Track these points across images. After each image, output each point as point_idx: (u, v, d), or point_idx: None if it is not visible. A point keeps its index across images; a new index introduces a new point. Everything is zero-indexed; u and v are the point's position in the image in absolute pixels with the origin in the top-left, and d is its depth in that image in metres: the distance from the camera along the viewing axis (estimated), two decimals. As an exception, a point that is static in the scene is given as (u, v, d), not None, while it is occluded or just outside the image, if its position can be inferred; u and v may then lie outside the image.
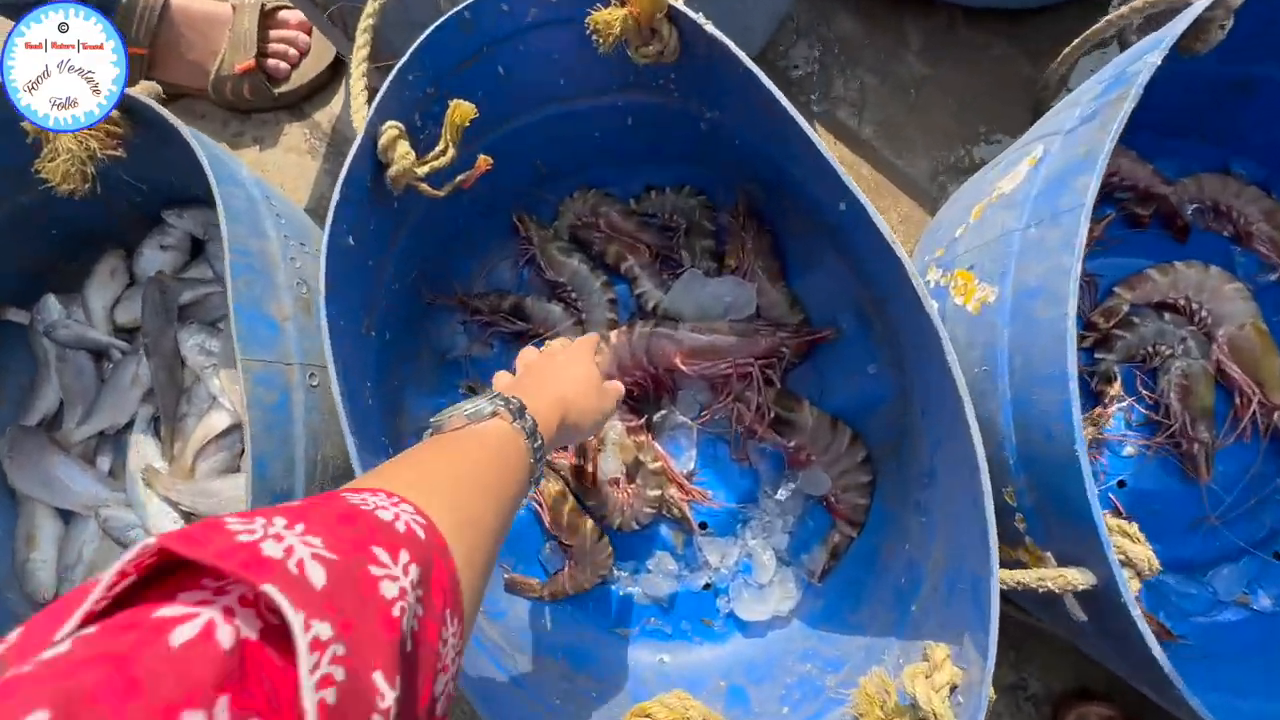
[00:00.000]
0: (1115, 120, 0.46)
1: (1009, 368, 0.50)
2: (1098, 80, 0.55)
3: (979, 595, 0.41)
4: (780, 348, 0.66)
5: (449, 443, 0.36)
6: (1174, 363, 0.69)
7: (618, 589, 0.69)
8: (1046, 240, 0.48)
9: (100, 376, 0.77)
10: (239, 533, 0.21)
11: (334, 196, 0.48)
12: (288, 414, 0.52)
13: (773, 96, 0.48)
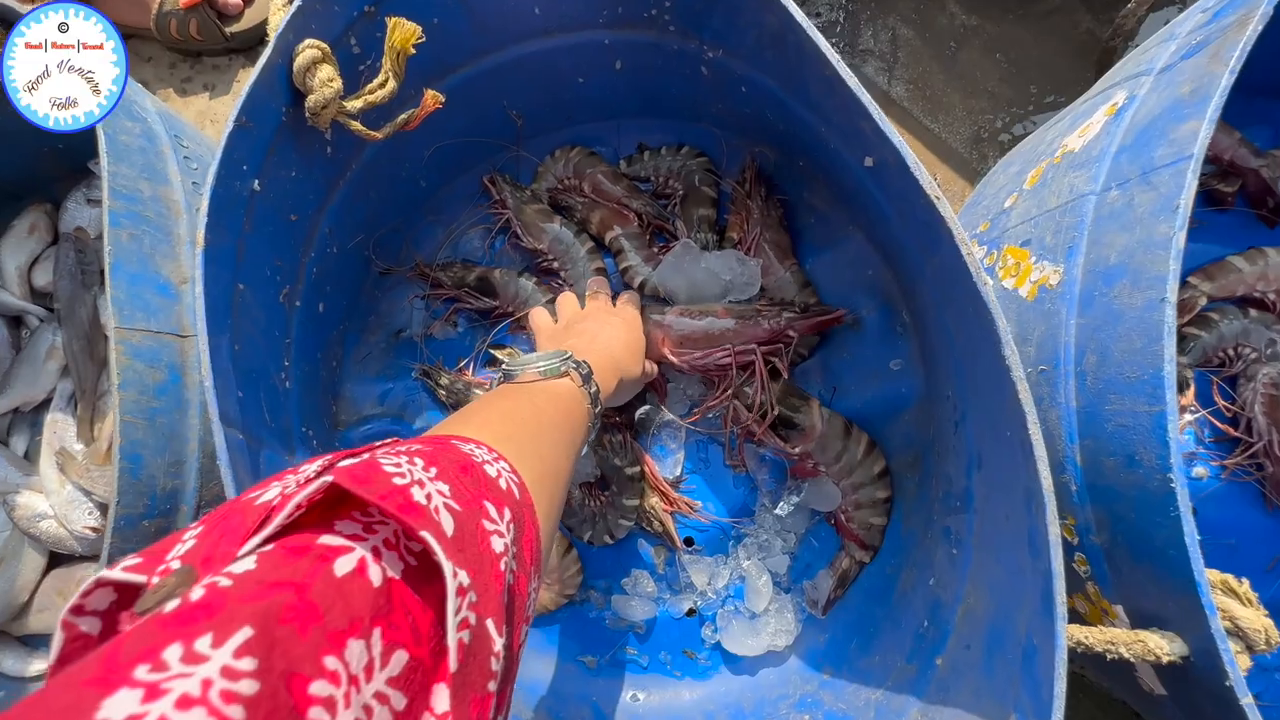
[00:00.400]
0: (1236, 47, 0.35)
1: (1076, 369, 0.39)
2: (1200, 8, 0.44)
3: (1034, 670, 0.31)
4: (787, 332, 0.55)
5: (527, 395, 0.38)
6: (1260, 369, 0.58)
7: (589, 611, 0.59)
8: (1135, 205, 0.37)
9: (16, 346, 0.69)
10: (393, 475, 0.22)
11: (228, 125, 0.38)
12: (178, 397, 0.43)
13: (788, 13, 0.38)
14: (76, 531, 0.63)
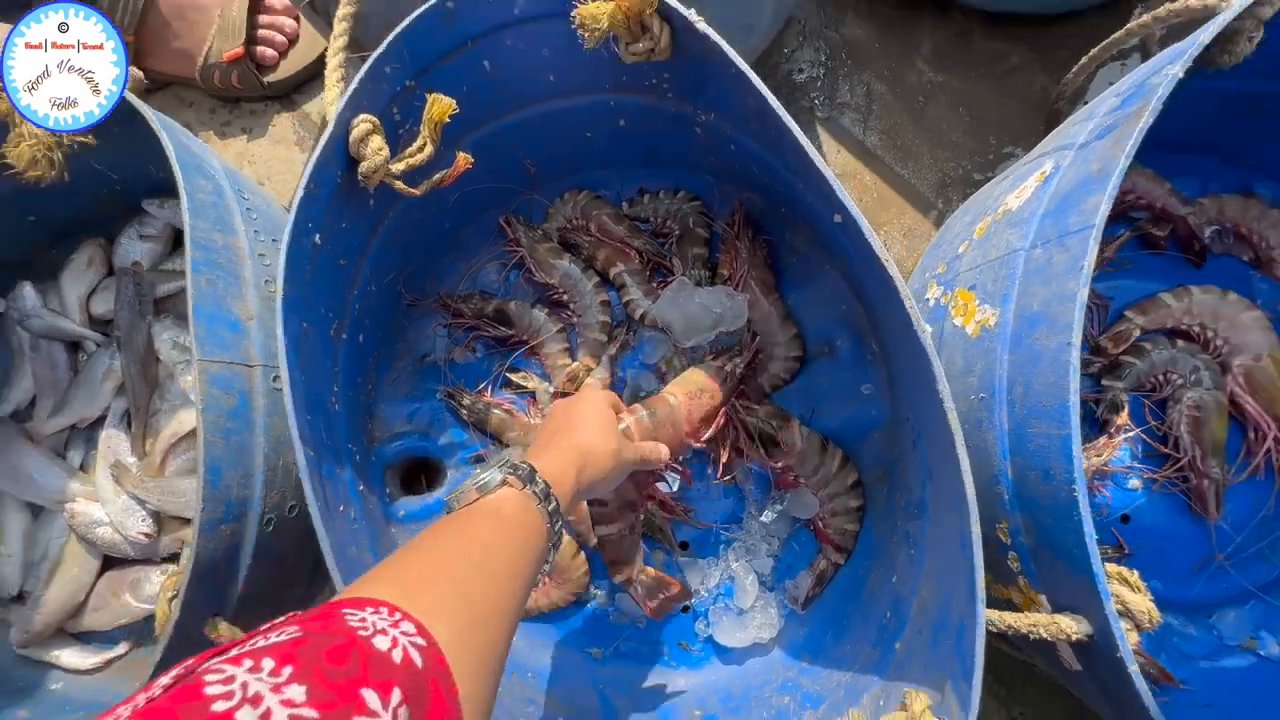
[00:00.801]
0: (1131, 136, 0.43)
1: (1008, 397, 0.47)
2: (1115, 92, 0.52)
3: (962, 645, 0.38)
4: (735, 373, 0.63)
5: (462, 524, 0.36)
6: (1186, 393, 0.66)
7: (593, 606, 0.66)
8: (1053, 263, 0.45)
9: (74, 368, 0.75)
10: (214, 699, 0.20)
11: (297, 192, 0.46)
12: (247, 420, 0.50)
13: (764, 100, 0.46)
14: (130, 537, 0.69)
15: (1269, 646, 0.65)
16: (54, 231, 0.77)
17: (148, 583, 0.71)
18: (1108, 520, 0.66)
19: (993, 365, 0.48)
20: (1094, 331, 0.69)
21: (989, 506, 0.48)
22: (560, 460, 0.43)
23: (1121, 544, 0.65)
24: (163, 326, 0.72)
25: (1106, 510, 0.66)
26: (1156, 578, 0.66)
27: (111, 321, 0.75)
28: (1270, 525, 0.65)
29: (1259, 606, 0.66)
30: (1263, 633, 0.65)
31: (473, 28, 0.55)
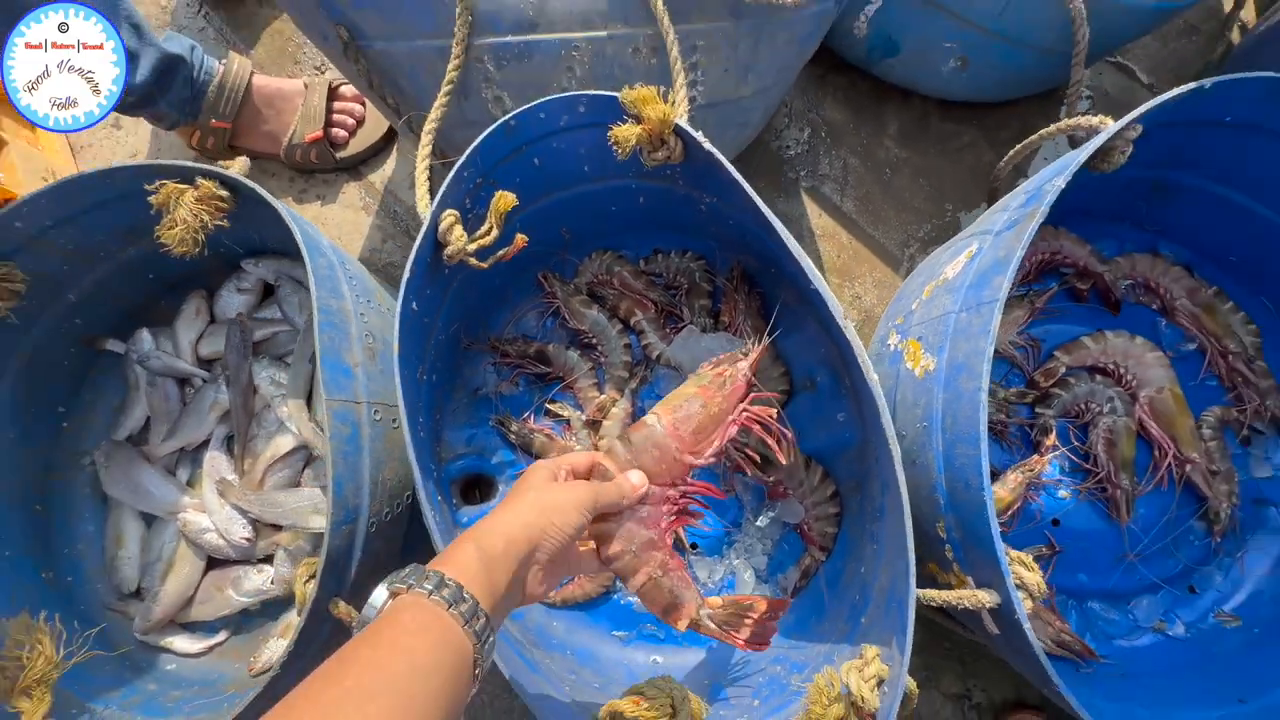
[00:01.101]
0: (1027, 232, 0.58)
1: (941, 426, 0.61)
2: (1024, 190, 0.67)
3: (902, 610, 0.53)
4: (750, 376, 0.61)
5: (364, 649, 0.33)
6: (1102, 419, 0.80)
7: (619, 598, 0.80)
8: (972, 325, 0.60)
9: (183, 400, 0.90)
10: None
11: (405, 274, 0.61)
12: (358, 444, 0.64)
13: (754, 202, 0.61)
14: (233, 541, 0.84)
15: (1175, 628, 0.79)
16: (166, 285, 0.92)
17: (247, 580, 0.84)
18: (1041, 524, 0.81)
19: (932, 401, 0.63)
20: (1029, 368, 0.84)
21: (930, 509, 0.63)
22: (491, 561, 0.40)
23: (1053, 543, 0.80)
24: (261, 366, 0.87)
25: (1040, 515, 0.81)
26: (1083, 571, 0.81)
27: (214, 360, 0.91)
28: (1173, 527, 0.79)
29: (1167, 595, 0.80)
30: (1171, 616, 0.79)
31: (527, 136, 0.70)
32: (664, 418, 0.56)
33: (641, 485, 0.53)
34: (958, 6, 0.80)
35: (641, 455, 0.55)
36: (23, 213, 0.70)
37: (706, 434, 0.56)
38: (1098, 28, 0.75)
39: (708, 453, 0.56)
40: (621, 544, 0.54)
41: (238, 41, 1.11)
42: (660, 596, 0.56)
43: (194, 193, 0.70)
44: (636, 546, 0.55)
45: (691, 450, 0.56)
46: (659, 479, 0.56)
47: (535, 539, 0.44)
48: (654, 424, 0.56)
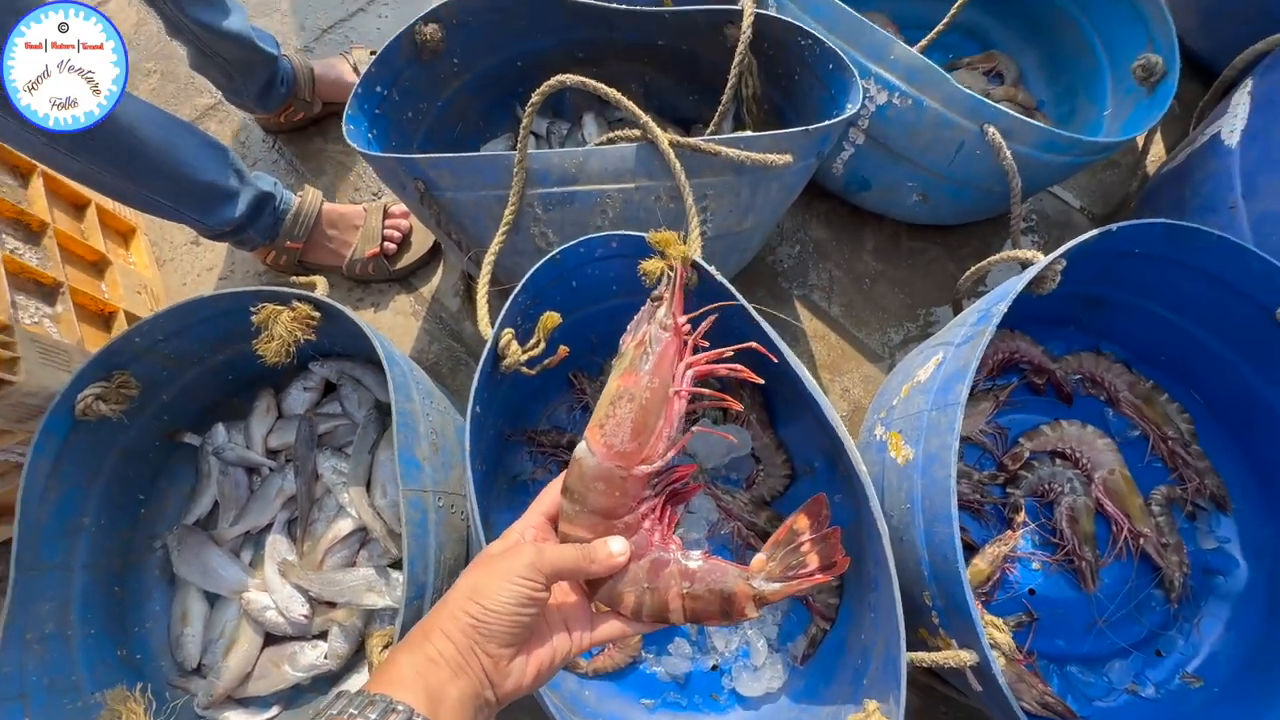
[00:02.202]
0: (978, 348, 0.73)
1: (921, 508, 0.73)
2: (977, 309, 0.82)
3: (895, 667, 0.62)
4: (674, 326, 0.54)
5: None
6: (1064, 498, 0.92)
7: (645, 668, 0.89)
8: (939, 423, 0.73)
9: (250, 488, 1.01)
10: None
11: (474, 384, 0.74)
12: (425, 528, 0.75)
13: (757, 323, 0.75)
14: (293, 618, 0.92)
15: (1146, 689, 0.87)
16: (240, 385, 1.04)
17: (302, 655, 0.92)
18: (1019, 594, 0.91)
19: (912, 486, 0.75)
20: (999, 453, 0.97)
21: (918, 580, 0.73)
22: (406, 659, 0.39)
23: (1031, 611, 0.89)
24: (324, 456, 0.98)
25: (1017, 586, 0.91)
26: (1061, 637, 0.90)
27: (279, 451, 1.02)
28: (1134, 595, 0.89)
29: (1137, 659, 0.89)
30: (1143, 679, 0.88)
31: (569, 265, 0.85)
32: (593, 442, 0.47)
33: (622, 554, 0.45)
34: (915, 156, 0.98)
35: (589, 497, 0.46)
36: (143, 329, 0.84)
37: (650, 429, 0.46)
38: (1028, 175, 0.92)
39: (661, 450, 0.47)
40: (632, 593, 0.46)
41: (306, 172, 1.29)
42: (708, 605, 0.46)
43: (290, 313, 0.84)
44: (647, 581, 0.46)
45: (640, 459, 0.46)
46: (622, 507, 0.46)
47: (469, 626, 0.41)
48: (583, 455, 0.47)
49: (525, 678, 0.43)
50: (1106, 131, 1.06)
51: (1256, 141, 0.83)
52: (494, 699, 0.42)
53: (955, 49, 1.25)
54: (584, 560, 0.45)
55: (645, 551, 0.47)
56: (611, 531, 0.46)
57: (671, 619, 0.47)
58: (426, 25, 0.96)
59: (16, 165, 1.00)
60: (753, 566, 0.48)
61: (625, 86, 1.16)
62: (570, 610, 0.47)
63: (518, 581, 0.42)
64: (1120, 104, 1.06)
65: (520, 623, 0.42)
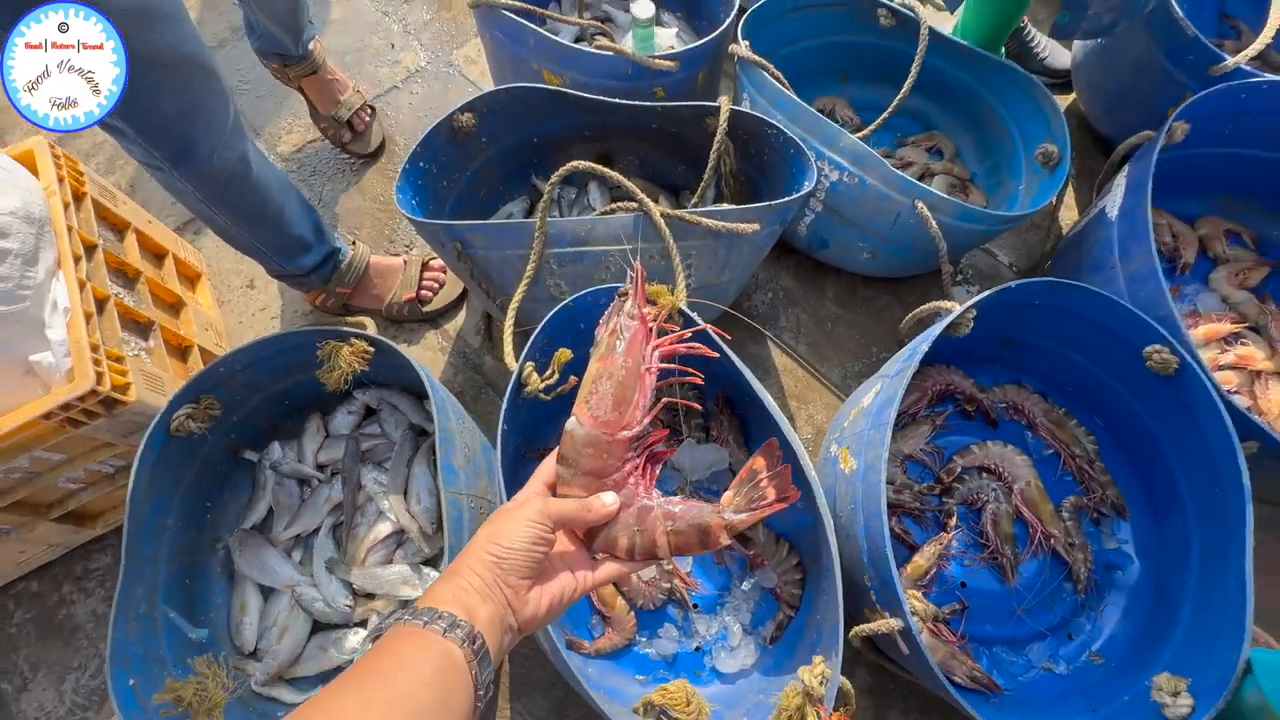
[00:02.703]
0: (905, 378, 0.92)
1: (861, 507, 0.91)
2: (908, 347, 1.02)
3: (835, 631, 0.80)
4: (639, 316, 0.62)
5: (386, 663, 0.41)
6: (989, 505, 1.10)
7: (639, 649, 1.05)
8: (874, 439, 0.92)
9: (301, 497, 1.17)
10: None
11: (504, 405, 0.92)
12: (462, 523, 0.92)
13: (732, 361, 0.94)
14: (337, 607, 1.08)
15: (1060, 667, 1.04)
16: (293, 408, 1.22)
17: (346, 640, 1.07)
18: (953, 587, 1.08)
19: (855, 490, 0.93)
20: (936, 468, 1.15)
21: (858, 567, 0.91)
22: (445, 586, 0.46)
23: (963, 601, 1.07)
24: (366, 470, 1.15)
25: (952, 580, 1.08)
26: (988, 623, 1.07)
27: (326, 466, 1.19)
28: (1046, 586, 1.07)
29: (1052, 641, 1.06)
30: (1056, 658, 1.05)
31: (578, 310, 1.04)
32: (581, 415, 0.55)
33: (614, 504, 0.53)
34: (863, 223, 1.19)
35: (581, 461, 0.54)
36: (226, 361, 1.02)
37: (628, 400, 0.55)
38: (953, 240, 1.14)
39: (639, 417, 0.56)
40: (625, 535, 0.54)
41: (348, 225, 1.49)
42: (689, 538, 0.54)
43: (349, 348, 1.03)
44: (636, 525, 0.54)
45: (622, 425, 0.55)
46: (610, 468, 0.55)
47: (492, 562, 0.48)
48: (574, 427, 0.55)
49: (540, 608, 0.50)
50: (1021, 202, 1.28)
51: (1127, 217, 1.05)
52: (515, 624, 0.49)
53: (902, 129, 1.48)
54: (582, 510, 0.53)
55: (632, 502, 0.55)
56: (602, 489, 0.54)
57: (659, 554, 0.54)
58: (463, 114, 1.17)
59: (114, 223, 1.19)
60: (722, 502, 0.56)
61: (624, 158, 1.38)
62: (572, 557, 0.55)
63: (529, 524, 0.49)
64: (1031, 180, 1.28)
65: (534, 558, 0.49)
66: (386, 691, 0.40)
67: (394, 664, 0.42)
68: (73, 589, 1.21)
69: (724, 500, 0.56)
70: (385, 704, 0.39)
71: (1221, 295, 1.27)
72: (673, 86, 1.29)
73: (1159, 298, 0.98)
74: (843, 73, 1.50)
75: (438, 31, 1.78)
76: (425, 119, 1.61)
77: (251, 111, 1.65)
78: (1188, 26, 1.17)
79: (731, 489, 0.56)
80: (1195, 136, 1.11)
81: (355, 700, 0.39)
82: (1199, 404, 0.94)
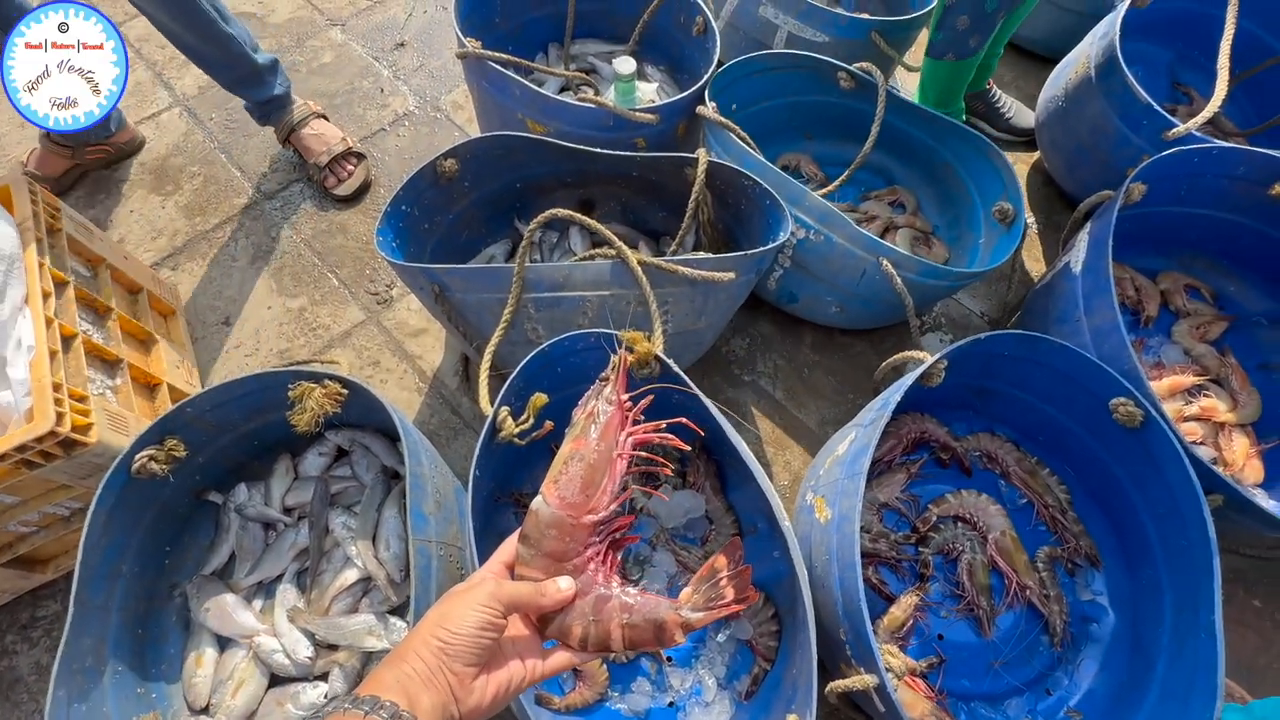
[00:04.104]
0: (879, 428, 0.92)
1: (836, 558, 0.90)
2: (882, 396, 1.03)
3: (809, 686, 0.78)
4: (619, 403, 0.62)
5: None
6: (964, 555, 1.10)
7: (610, 705, 1.01)
8: (848, 489, 0.92)
9: (266, 542, 1.14)
10: None
11: (476, 452, 0.91)
12: (430, 571, 0.90)
13: (705, 407, 0.94)
14: (298, 660, 1.03)
15: (1038, 724, 1.02)
16: (262, 449, 1.19)
17: (304, 695, 1.03)
18: (930, 639, 1.07)
19: (829, 540, 0.93)
20: (912, 517, 1.15)
21: (834, 620, 0.90)
22: (388, 671, 0.45)
23: (940, 654, 1.05)
24: (335, 514, 1.12)
25: (929, 631, 1.07)
26: (965, 678, 1.05)
27: (293, 509, 1.16)
28: (1024, 638, 1.06)
29: (1030, 696, 1.04)
30: (1034, 714, 1.03)
31: (555, 356, 1.04)
32: (549, 496, 0.55)
33: (569, 590, 0.53)
34: (830, 279, 1.22)
35: (543, 543, 0.54)
36: (195, 402, 1.00)
37: (596, 485, 0.55)
38: (917, 295, 1.17)
39: (605, 502, 0.56)
40: (580, 624, 0.53)
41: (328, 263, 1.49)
42: (644, 633, 0.54)
43: (321, 389, 1.01)
44: (592, 615, 0.53)
45: (588, 510, 0.55)
46: (571, 551, 0.55)
47: (438, 647, 0.47)
48: (539, 507, 0.55)
49: (485, 697, 0.49)
50: (981, 256, 1.32)
51: (1090, 272, 1.08)
52: (458, 714, 0.47)
53: (867, 184, 1.53)
54: (536, 594, 0.52)
55: (590, 589, 0.54)
56: (561, 573, 0.54)
57: (613, 647, 0.54)
58: (446, 160, 1.19)
59: (89, 259, 1.18)
60: (680, 599, 0.56)
61: (606, 204, 1.41)
62: (523, 643, 0.53)
63: (479, 609, 0.48)
64: (990, 234, 1.32)
65: (482, 644, 0.48)
66: None
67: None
68: (16, 638, 1.15)
69: (682, 597, 0.55)
70: None
71: (1184, 348, 1.30)
72: (653, 137, 1.33)
73: (1122, 351, 1.00)
74: (806, 130, 1.55)
75: (427, 76, 1.82)
76: (411, 162, 1.64)
77: (238, 150, 1.67)
78: (1140, 94, 1.23)
79: (691, 586, 0.56)
80: (1152, 196, 1.16)
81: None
82: (1164, 457, 0.95)
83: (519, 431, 0.98)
